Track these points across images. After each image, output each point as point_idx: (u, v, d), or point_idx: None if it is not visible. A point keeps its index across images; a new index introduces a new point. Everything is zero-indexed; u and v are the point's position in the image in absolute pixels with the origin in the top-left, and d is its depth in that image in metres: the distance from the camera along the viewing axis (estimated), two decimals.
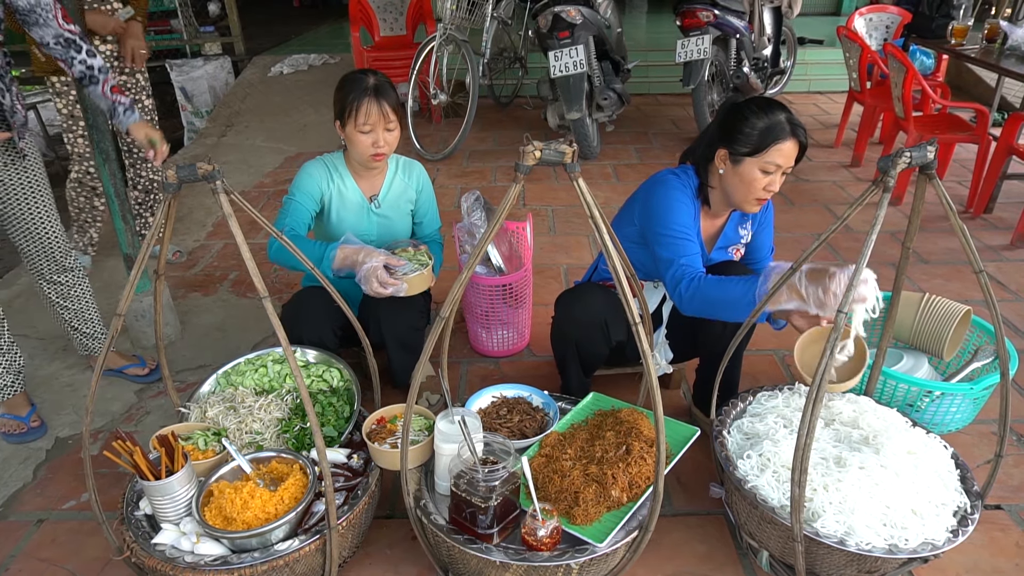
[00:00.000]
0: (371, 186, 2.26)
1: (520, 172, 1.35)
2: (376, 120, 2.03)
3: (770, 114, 1.75)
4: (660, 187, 1.91)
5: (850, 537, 1.48)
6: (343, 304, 1.80)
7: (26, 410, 2.29)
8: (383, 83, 2.05)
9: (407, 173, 2.30)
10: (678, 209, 1.87)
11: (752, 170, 1.78)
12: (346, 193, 2.22)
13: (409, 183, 2.30)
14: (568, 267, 3.32)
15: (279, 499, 1.52)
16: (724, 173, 1.85)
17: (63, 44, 2.01)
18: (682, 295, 1.78)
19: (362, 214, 2.25)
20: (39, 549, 1.86)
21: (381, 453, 1.64)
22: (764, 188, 1.80)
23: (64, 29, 2.00)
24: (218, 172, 1.36)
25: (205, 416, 1.81)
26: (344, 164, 2.21)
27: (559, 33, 4.25)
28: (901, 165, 1.32)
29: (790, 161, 1.78)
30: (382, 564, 1.79)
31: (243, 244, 1.35)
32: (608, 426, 1.75)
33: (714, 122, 1.90)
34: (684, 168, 1.96)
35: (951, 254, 3.34)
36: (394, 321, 2.13)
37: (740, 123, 1.77)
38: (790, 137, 1.74)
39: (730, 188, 1.86)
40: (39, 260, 2.25)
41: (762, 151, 1.75)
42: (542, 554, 1.47)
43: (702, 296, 1.75)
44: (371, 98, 2.01)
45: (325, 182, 2.19)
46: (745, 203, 1.86)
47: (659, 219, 1.88)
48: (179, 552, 1.49)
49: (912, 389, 1.95)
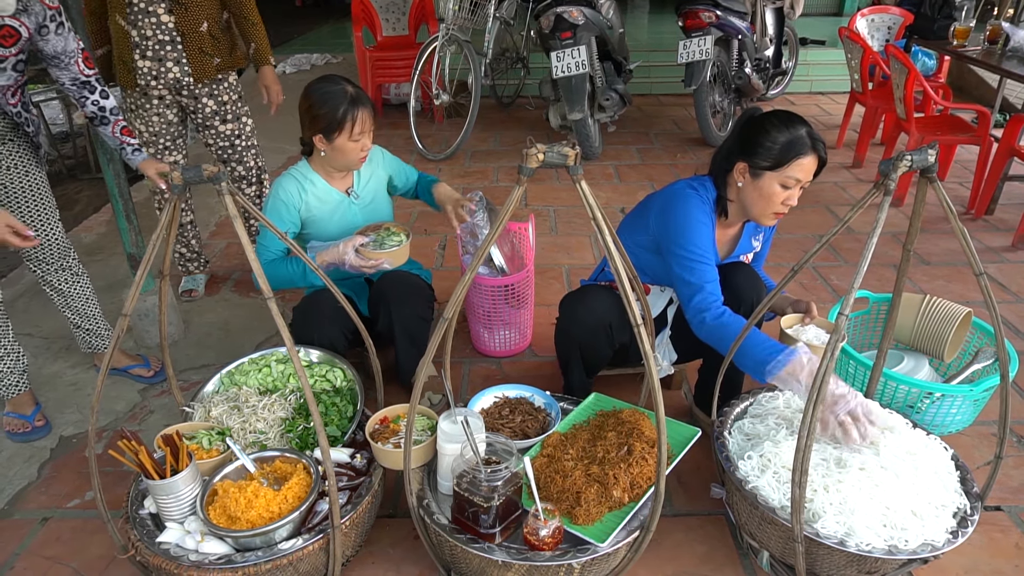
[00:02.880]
0: (344, 182, 2.30)
1: (523, 174, 1.36)
2: (363, 128, 2.09)
3: (791, 128, 1.74)
4: (680, 202, 1.89)
5: (850, 538, 1.49)
6: (346, 304, 1.81)
7: (31, 409, 2.30)
8: (357, 88, 2.10)
9: (371, 159, 2.34)
10: (698, 230, 1.86)
11: (772, 184, 1.78)
12: (323, 196, 2.24)
13: (376, 167, 2.36)
14: (570, 267, 3.33)
15: (283, 498, 1.53)
16: (743, 186, 1.84)
17: (78, 85, 2.10)
18: (704, 323, 1.80)
19: (343, 209, 2.29)
20: (43, 547, 1.87)
21: (384, 453, 1.65)
22: (783, 202, 1.80)
23: (82, 73, 2.08)
24: (223, 174, 1.37)
25: (209, 415, 1.83)
26: (312, 171, 2.24)
27: (561, 34, 4.25)
28: (902, 168, 1.32)
29: (809, 175, 1.78)
30: (384, 563, 1.80)
31: (247, 245, 1.36)
32: (610, 426, 1.76)
33: (732, 134, 1.88)
34: (701, 180, 1.94)
35: (952, 255, 3.34)
36: (402, 311, 2.18)
37: (761, 137, 1.76)
38: (811, 152, 1.74)
39: (748, 201, 1.86)
40: (39, 260, 2.27)
41: (783, 166, 1.75)
42: (544, 554, 1.47)
43: (723, 334, 1.77)
44: (361, 107, 2.06)
45: (297, 195, 2.20)
46: (763, 216, 1.86)
47: (680, 236, 1.87)
48: (183, 551, 1.49)
49: (913, 391, 1.96)
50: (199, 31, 2.63)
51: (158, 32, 2.57)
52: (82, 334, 2.50)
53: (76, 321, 2.46)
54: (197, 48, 2.65)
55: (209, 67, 2.71)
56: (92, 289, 2.47)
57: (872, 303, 2.31)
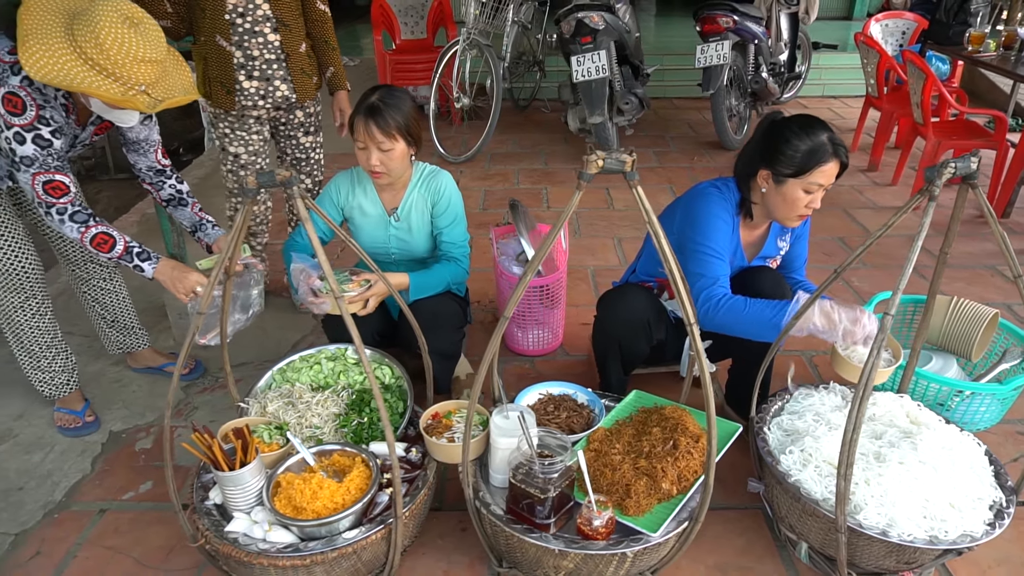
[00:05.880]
0: (392, 199, 2.24)
1: (583, 180, 1.43)
2: (365, 139, 2.00)
3: (813, 135, 1.79)
4: (702, 200, 1.96)
5: (892, 529, 1.55)
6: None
7: (80, 405, 2.37)
8: (383, 103, 1.98)
9: (427, 185, 2.22)
10: (716, 226, 1.92)
11: (795, 190, 1.84)
12: (367, 206, 2.24)
13: (427, 195, 2.22)
14: (595, 268, 3.40)
15: (346, 490, 1.60)
16: (766, 191, 1.90)
17: (154, 172, 2.19)
18: (709, 311, 1.84)
19: (381, 228, 2.26)
20: (103, 537, 1.94)
21: (438, 447, 1.71)
22: (806, 206, 1.86)
23: (159, 162, 2.17)
24: (295, 178, 1.43)
25: (265, 411, 1.89)
26: (368, 176, 2.18)
27: (582, 38, 4.32)
28: (947, 175, 1.39)
29: (831, 180, 1.83)
30: (435, 554, 1.86)
31: (319, 247, 1.42)
32: (653, 422, 1.83)
33: (754, 139, 1.92)
34: (725, 181, 2.00)
35: (971, 258, 3.41)
36: (433, 339, 2.08)
37: (783, 144, 1.81)
38: (833, 158, 1.79)
39: (772, 206, 1.91)
40: (74, 259, 2.34)
41: (805, 173, 1.80)
42: (599, 543, 1.54)
43: (731, 316, 1.82)
44: (362, 117, 1.99)
45: (347, 194, 2.22)
46: (787, 220, 1.92)
47: (696, 232, 1.93)
48: (251, 539, 1.56)
49: (943, 389, 2.02)
50: (299, 51, 2.66)
51: (265, 52, 2.57)
52: (115, 334, 2.55)
53: (109, 320, 2.51)
54: (299, 68, 2.67)
55: (309, 86, 2.74)
56: (126, 288, 2.52)
57: (900, 304, 2.37)
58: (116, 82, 1.69)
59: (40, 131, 1.76)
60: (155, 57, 1.71)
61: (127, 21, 1.66)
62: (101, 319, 2.51)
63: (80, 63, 1.65)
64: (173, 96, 1.79)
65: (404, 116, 2.01)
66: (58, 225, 1.85)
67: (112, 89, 1.68)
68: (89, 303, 2.47)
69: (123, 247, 1.90)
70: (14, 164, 1.79)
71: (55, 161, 1.81)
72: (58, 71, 1.64)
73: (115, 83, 1.69)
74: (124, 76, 1.68)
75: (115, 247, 1.89)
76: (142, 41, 1.68)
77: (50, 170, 1.80)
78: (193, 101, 1.91)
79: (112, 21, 1.64)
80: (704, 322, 1.86)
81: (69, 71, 1.64)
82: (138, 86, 1.72)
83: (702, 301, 1.85)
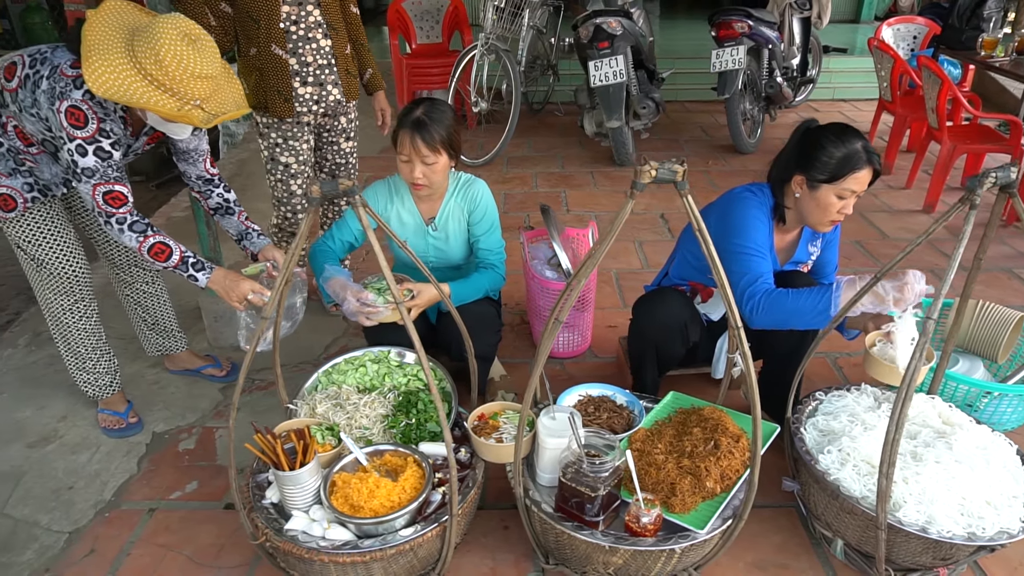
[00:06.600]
0: (430, 208, 2.28)
1: (636, 189, 1.46)
2: (410, 152, 2.03)
3: (847, 143, 1.85)
4: (738, 204, 2.01)
5: (931, 525, 1.60)
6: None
7: (123, 407, 2.43)
8: (428, 118, 2.02)
9: (463, 194, 2.27)
10: (755, 227, 1.97)
11: (828, 196, 1.89)
12: (405, 216, 2.28)
13: (464, 204, 2.27)
14: (619, 272, 3.45)
15: (401, 489, 1.65)
16: (800, 196, 1.95)
17: (203, 181, 2.24)
18: (754, 309, 1.88)
19: (420, 236, 2.30)
20: (155, 536, 1.99)
21: (486, 447, 1.76)
22: (838, 211, 1.91)
23: (207, 171, 2.22)
24: (357, 188, 1.49)
25: (314, 412, 1.94)
26: (406, 186, 2.23)
27: (600, 43, 4.38)
28: (987, 184, 1.44)
29: (864, 186, 1.88)
30: (480, 552, 1.92)
31: (380, 254, 1.47)
32: (693, 423, 1.88)
33: (789, 145, 1.98)
34: (760, 186, 2.06)
35: (988, 261, 3.45)
36: (476, 343, 2.11)
37: (817, 151, 1.87)
38: (867, 165, 1.85)
39: (805, 211, 1.97)
40: (115, 261, 2.39)
41: (839, 179, 1.85)
42: (647, 539, 1.59)
43: (777, 309, 1.86)
44: (408, 131, 2.02)
45: (384, 204, 2.26)
46: (819, 225, 1.97)
47: (736, 234, 1.97)
48: (311, 537, 1.61)
49: (972, 390, 2.07)
50: (345, 53, 2.71)
51: (318, 57, 2.62)
52: (155, 336, 2.61)
53: (150, 322, 2.56)
54: (344, 69, 2.72)
55: (355, 86, 2.81)
56: (166, 290, 2.58)
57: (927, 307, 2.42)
58: (173, 97, 1.74)
59: (101, 143, 1.82)
60: (211, 73, 1.77)
61: (185, 38, 1.72)
62: (142, 321, 2.56)
63: (139, 79, 1.71)
64: (226, 110, 1.84)
65: (448, 130, 2.06)
66: (117, 235, 1.90)
67: (169, 104, 1.74)
68: (131, 306, 2.52)
69: (179, 257, 1.95)
70: (75, 175, 1.84)
71: (115, 172, 1.87)
72: (119, 87, 1.69)
73: (172, 98, 1.74)
74: (181, 91, 1.74)
75: (171, 257, 1.94)
76: (199, 57, 1.74)
77: (110, 180, 1.85)
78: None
79: (172, 38, 1.69)
80: (750, 319, 1.89)
81: (129, 87, 1.70)
82: (193, 101, 1.77)
83: (746, 299, 1.89)
